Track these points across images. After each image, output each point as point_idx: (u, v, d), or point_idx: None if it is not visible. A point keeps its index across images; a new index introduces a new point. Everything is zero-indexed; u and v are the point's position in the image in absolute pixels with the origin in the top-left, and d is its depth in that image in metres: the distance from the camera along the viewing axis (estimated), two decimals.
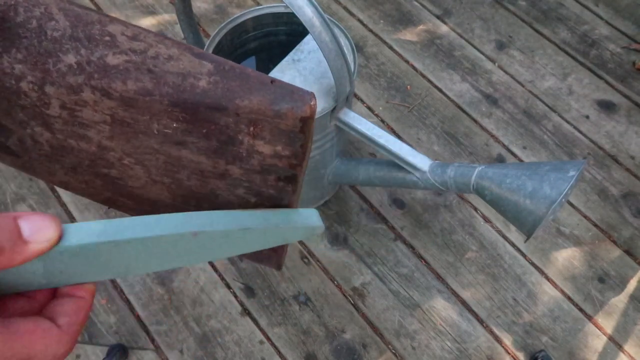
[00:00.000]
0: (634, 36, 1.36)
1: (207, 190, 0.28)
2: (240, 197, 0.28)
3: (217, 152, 0.26)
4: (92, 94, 0.25)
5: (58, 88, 0.25)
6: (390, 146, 0.80)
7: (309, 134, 0.25)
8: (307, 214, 0.28)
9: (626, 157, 1.19)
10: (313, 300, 1.02)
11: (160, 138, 0.26)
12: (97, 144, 0.27)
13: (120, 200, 0.30)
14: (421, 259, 1.07)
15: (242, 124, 0.25)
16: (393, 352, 0.98)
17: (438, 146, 1.20)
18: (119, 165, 0.28)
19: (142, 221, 0.23)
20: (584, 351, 0.99)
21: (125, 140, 0.26)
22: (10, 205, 1.10)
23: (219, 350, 0.98)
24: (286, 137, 0.25)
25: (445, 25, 1.37)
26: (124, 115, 0.25)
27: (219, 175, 0.27)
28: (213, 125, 0.25)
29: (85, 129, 0.26)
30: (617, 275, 1.06)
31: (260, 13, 0.89)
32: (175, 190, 0.28)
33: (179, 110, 0.25)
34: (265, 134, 0.25)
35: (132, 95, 0.25)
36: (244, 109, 0.24)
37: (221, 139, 0.26)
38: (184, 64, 0.24)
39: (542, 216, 0.67)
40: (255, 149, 0.26)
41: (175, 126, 0.25)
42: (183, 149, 0.26)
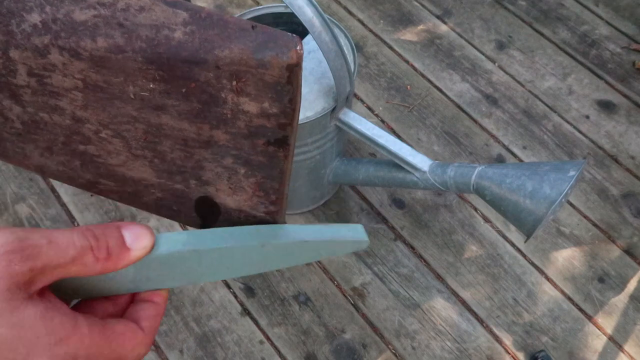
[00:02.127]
0: (634, 36, 1.36)
1: (193, 162, 0.26)
2: (229, 168, 0.26)
3: (200, 116, 0.24)
4: (60, 55, 0.23)
5: (23, 51, 0.23)
6: (390, 146, 0.80)
7: (297, 85, 0.23)
8: (355, 229, 0.28)
9: (626, 157, 1.19)
10: (313, 300, 1.02)
11: (137, 103, 0.24)
12: (71, 115, 0.25)
13: (101, 183, 0.28)
14: (421, 259, 1.07)
15: (223, 78, 0.23)
16: (393, 352, 0.98)
17: (438, 146, 1.20)
18: (96, 140, 0.26)
19: (220, 233, 0.25)
20: (584, 351, 0.99)
21: (101, 109, 0.25)
22: (11, 206, 1.10)
23: (219, 350, 0.98)
24: (273, 90, 0.23)
25: (445, 25, 1.37)
26: (96, 79, 0.24)
27: (204, 143, 0.25)
28: (193, 83, 0.23)
29: (56, 98, 0.25)
30: (617, 275, 1.06)
31: (260, 13, 0.89)
32: (159, 165, 0.27)
33: (155, 67, 0.23)
34: (250, 88, 0.23)
35: (102, 54, 0.23)
36: (224, 59, 0.22)
37: (203, 99, 0.24)
38: (157, 14, 0.22)
39: (542, 216, 0.67)
40: (240, 108, 0.24)
41: (152, 87, 0.24)
42: (163, 115, 0.24)
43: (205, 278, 0.27)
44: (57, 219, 1.09)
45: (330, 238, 0.27)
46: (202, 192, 0.27)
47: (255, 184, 0.27)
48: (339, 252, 0.29)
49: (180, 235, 0.24)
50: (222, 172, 0.27)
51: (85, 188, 0.29)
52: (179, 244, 0.23)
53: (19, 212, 1.09)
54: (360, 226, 0.28)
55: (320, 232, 0.27)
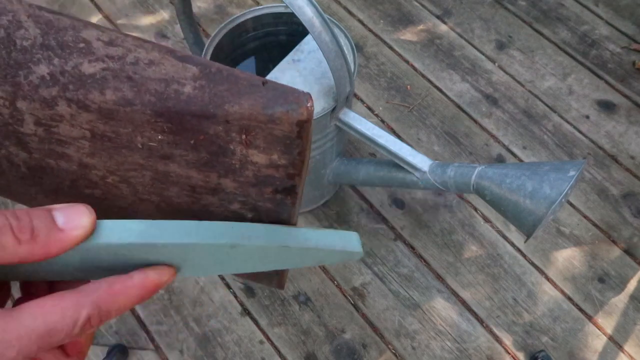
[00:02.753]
0: (634, 36, 1.36)
1: (199, 206, 0.26)
2: (236, 213, 0.26)
3: (208, 165, 0.24)
4: (68, 107, 0.23)
5: (31, 102, 0.23)
6: (390, 146, 0.80)
7: (307, 140, 0.23)
8: (347, 237, 0.26)
9: (626, 157, 1.19)
10: (313, 300, 1.02)
11: (145, 152, 0.24)
12: (78, 162, 0.25)
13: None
14: (421, 259, 1.07)
15: (233, 132, 0.23)
16: (393, 352, 0.98)
17: (438, 146, 1.20)
18: (102, 185, 0.26)
19: (183, 226, 0.22)
20: (584, 351, 0.99)
21: (108, 157, 0.24)
22: (11, 205, 1.10)
23: (219, 350, 0.98)
24: (282, 144, 0.23)
25: (445, 25, 1.37)
26: (104, 129, 0.23)
27: (211, 190, 0.25)
28: (202, 135, 0.23)
29: (63, 146, 0.24)
30: (617, 275, 1.06)
31: (260, 13, 0.89)
32: (165, 208, 0.26)
33: (164, 120, 0.23)
34: (259, 142, 0.23)
35: (111, 107, 0.23)
36: (234, 115, 0.22)
37: (211, 150, 0.24)
38: (167, 68, 0.22)
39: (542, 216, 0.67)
40: (249, 159, 0.24)
41: (161, 138, 0.23)
42: (171, 163, 0.24)
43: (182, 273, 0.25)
44: None
45: (315, 245, 0.25)
46: None
47: None
48: (327, 262, 0.27)
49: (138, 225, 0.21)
50: (229, 215, 0.26)
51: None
52: (133, 234, 0.21)
53: None
54: (355, 234, 0.26)
55: (306, 238, 0.25)
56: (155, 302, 1.02)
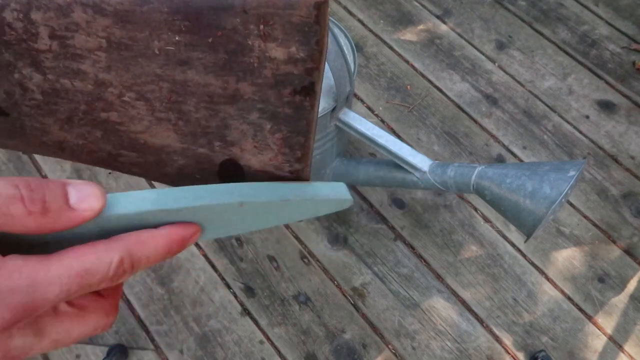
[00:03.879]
0: (634, 36, 1.36)
1: (218, 121, 0.26)
2: (254, 124, 0.26)
3: (226, 67, 0.24)
4: (84, 12, 0.22)
5: (45, 12, 0.23)
6: (390, 146, 0.80)
7: (325, 26, 0.23)
8: (337, 187, 0.27)
9: (626, 157, 1.19)
10: (313, 300, 1.02)
11: (162, 59, 0.24)
12: (94, 79, 0.25)
13: (122, 155, 0.27)
14: (421, 259, 1.07)
15: (251, 23, 0.23)
16: (393, 352, 0.98)
17: (438, 146, 1.20)
18: (118, 105, 0.25)
19: (192, 191, 0.23)
20: (584, 351, 0.99)
21: (124, 69, 0.24)
22: None
23: (219, 350, 0.98)
24: (300, 32, 0.23)
25: (445, 25, 1.37)
26: (120, 36, 0.23)
27: (229, 98, 0.25)
28: (219, 31, 0.23)
29: (79, 61, 0.24)
30: (617, 275, 1.06)
31: None
32: (183, 128, 0.26)
33: (181, 17, 0.23)
34: (277, 32, 0.23)
35: (127, 7, 0.22)
36: (251, 3, 0.22)
37: (229, 49, 0.23)
38: None
39: (542, 216, 0.67)
40: (267, 55, 0.23)
41: (178, 39, 0.23)
42: (188, 70, 0.24)
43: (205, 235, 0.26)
44: None
45: (312, 196, 0.26)
46: (226, 154, 0.27)
47: (281, 139, 0.26)
48: (322, 212, 0.28)
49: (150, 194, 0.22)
50: (247, 129, 0.26)
51: (106, 163, 0.28)
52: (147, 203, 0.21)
53: None
54: (342, 184, 0.28)
55: (302, 191, 0.26)
56: (155, 302, 1.02)
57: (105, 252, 0.20)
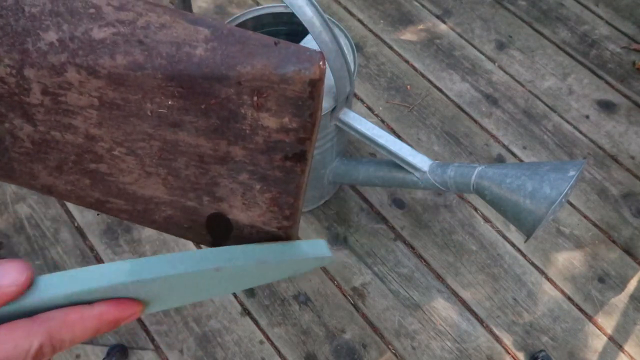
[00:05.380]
0: (634, 36, 1.36)
1: (207, 179, 0.26)
2: (244, 184, 0.26)
3: (218, 132, 0.24)
4: (77, 73, 0.22)
5: (39, 70, 0.22)
6: (390, 146, 0.80)
7: (319, 100, 0.23)
8: (317, 245, 0.27)
9: (626, 157, 1.19)
10: (313, 300, 1.02)
11: (154, 120, 0.24)
12: (84, 133, 0.24)
13: (110, 202, 0.27)
14: (421, 259, 1.07)
15: (244, 94, 0.23)
16: (393, 352, 0.98)
17: (438, 146, 1.20)
18: (108, 158, 0.25)
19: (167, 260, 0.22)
20: (584, 351, 0.99)
21: (116, 127, 0.24)
22: (10, 205, 1.10)
23: (219, 350, 0.98)
24: (293, 105, 0.23)
25: (445, 25, 1.37)
26: (113, 96, 0.23)
27: (220, 159, 0.25)
28: (213, 99, 0.23)
29: (70, 116, 0.24)
30: (617, 275, 1.06)
31: (260, 13, 0.89)
32: (172, 182, 0.26)
33: (175, 84, 0.22)
34: (271, 104, 0.23)
35: (121, 71, 0.22)
36: (246, 75, 0.22)
37: (222, 115, 0.23)
38: (178, 31, 0.22)
39: (542, 216, 0.67)
40: (259, 124, 0.23)
41: (171, 104, 0.23)
42: (180, 132, 0.24)
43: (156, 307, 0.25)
44: (57, 219, 1.09)
45: (291, 257, 0.26)
46: (214, 208, 0.27)
47: (270, 199, 0.26)
48: (301, 270, 0.28)
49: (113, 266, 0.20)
50: (236, 188, 0.26)
51: (94, 207, 0.28)
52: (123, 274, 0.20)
53: (19, 212, 1.09)
54: (322, 241, 0.27)
55: (281, 252, 0.26)
56: None
57: (25, 338, 0.19)
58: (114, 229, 1.08)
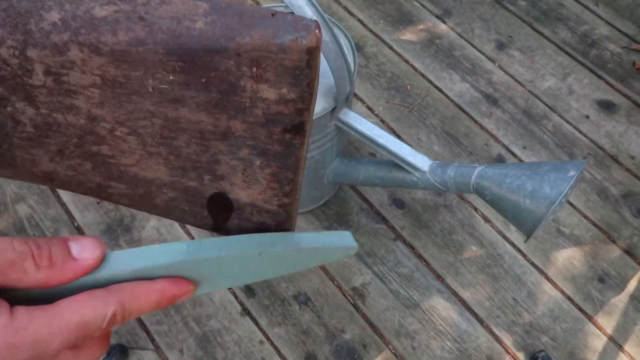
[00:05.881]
0: (634, 36, 1.36)
1: (208, 156, 0.26)
2: (244, 160, 0.26)
3: (218, 106, 0.24)
4: (80, 51, 0.23)
5: (42, 50, 0.23)
6: (390, 146, 0.80)
7: (316, 69, 0.24)
8: (344, 236, 0.29)
9: (626, 157, 1.19)
10: (313, 300, 1.02)
11: (155, 97, 0.24)
12: (86, 114, 0.25)
13: (111, 186, 0.28)
14: (421, 259, 1.07)
15: (244, 65, 0.23)
16: (393, 352, 0.98)
17: (438, 146, 1.20)
18: (110, 139, 0.26)
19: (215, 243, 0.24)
20: (584, 351, 0.99)
21: (118, 106, 0.24)
22: (11, 206, 1.10)
23: (219, 350, 0.98)
24: (291, 75, 0.24)
25: (445, 25, 1.37)
26: (115, 74, 0.23)
27: (220, 135, 0.25)
28: (213, 72, 0.23)
29: (72, 97, 0.24)
30: (617, 275, 1.06)
31: None
32: (174, 162, 0.26)
33: (176, 58, 0.23)
34: (269, 74, 0.23)
35: (123, 47, 0.23)
36: (245, 46, 0.23)
37: (222, 88, 0.24)
38: (178, 6, 0.23)
39: (542, 216, 0.67)
40: (259, 96, 0.24)
41: (172, 79, 0.24)
42: (181, 107, 0.25)
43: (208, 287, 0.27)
44: (57, 219, 1.09)
45: (322, 245, 0.27)
46: (215, 188, 0.27)
47: (270, 175, 0.27)
48: (328, 260, 0.30)
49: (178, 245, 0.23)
50: (237, 164, 0.26)
51: (95, 194, 0.28)
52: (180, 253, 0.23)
53: (19, 212, 1.09)
54: (348, 233, 0.29)
55: (313, 240, 0.27)
56: None
57: (102, 306, 0.22)
58: (114, 229, 1.08)
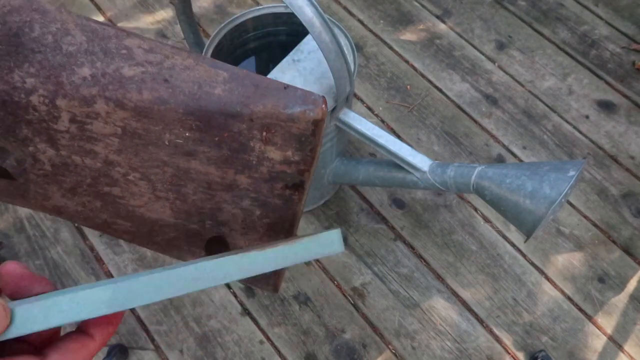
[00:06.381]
0: (634, 36, 1.36)
1: (212, 204, 0.28)
2: (245, 210, 0.28)
3: (227, 161, 0.27)
4: (106, 105, 0.25)
5: (70, 100, 0.25)
6: (390, 146, 0.80)
7: (319, 138, 0.26)
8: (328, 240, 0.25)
9: (626, 157, 1.19)
10: (313, 300, 1.02)
11: (170, 149, 0.26)
12: (104, 159, 0.26)
13: (117, 223, 0.29)
14: (421, 259, 1.07)
15: (255, 129, 0.25)
16: (393, 352, 0.98)
17: (438, 146, 1.20)
18: (122, 182, 0.27)
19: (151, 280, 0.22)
20: (584, 351, 0.99)
21: (134, 154, 0.26)
22: (10, 206, 1.10)
23: (219, 350, 0.98)
24: (297, 141, 0.26)
25: (445, 25, 1.37)
26: (136, 127, 0.25)
27: (226, 187, 0.27)
28: (226, 133, 0.26)
29: (93, 143, 0.26)
30: (617, 275, 1.06)
31: (260, 13, 0.89)
32: (179, 207, 0.28)
33: (193, 118, 0.25)
34: (277, 139, 0.26)
35: (147, 105, 0.25)
36: (258, 114, 0.25)
37: (233, 147, 0.26)
38: (200, 73, 0.25)
39: (542, 216, 0.67)
40: (265, 156, 0.26)
41: (188, 135, 0.26)
42: (193, 160, 0.26)
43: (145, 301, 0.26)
44: (57, 219, 1.09)
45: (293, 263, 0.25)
46: (215, 232, 0.29)
47: (267, 224, 0.29)
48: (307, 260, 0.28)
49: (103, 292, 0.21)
50: (238, 213, 0.28)
51: (100, 228, 0.29)
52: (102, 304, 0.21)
53: (19, 212, 1.09)
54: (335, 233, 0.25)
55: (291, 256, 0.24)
56: (156, 302, 1.02)
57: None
58: None
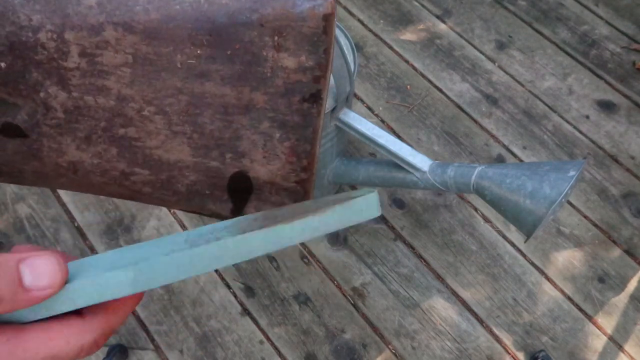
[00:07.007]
0: (634, 36, 1.36)
1: (231, 132, 0.28)
2: (265, 134, 0.28)
3: (242, 78, 0.26)
4: (115, 30, 0.25)
5: (78, 32, 0.24)
6: (390, 146, 0.80)
7: (331, 36, 0.26)
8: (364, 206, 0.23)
9: (626, 157, 1.19)
10: (313, 300, 1.02)
11: (183, 72, 0.26)
12: (116, 94, 0.26)
13: (135, 173, 0.29)
14: (421, 259, 1.07)
15: (266, 35, 0.25)
16: (393, 352, 0.98)
17: (438, 146, 1.20)
18: (137, 120, 0.27)
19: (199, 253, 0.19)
20: (584, 351, 0.99)
21: (147, 84, 0.26)
22: (10, 205, 1.10)
23: (219, 350, 0.98)
24: (310, 42, 0.25)
25: (445, 25, 1.37)
26: (146, 51, 0.25)
27: (243, 108, 0.27)
28: (237, 44, 0.25)
29: (104, 77, 0.26)
30: (617, 275, 1.06)
31: None
32: (197, 141, 0.28)
33: (203, 32, 0.25)
34: (289, 43, 0.25)
35: (155, 25, 0.25)
36: (267, 17, 0.25)
37: (246, 59, 0.26)
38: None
39: (542, 216, 0.67)
40: (279, 65, 0.26)
41: (199, 53, 0.25)
42: (207, 82, 0.26)
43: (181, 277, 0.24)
44: (57, 219, 1.09)
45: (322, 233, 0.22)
46: (236, 167, 0.28)
47: (289, 148, 0.28)
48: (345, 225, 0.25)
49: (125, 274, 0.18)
50: (258, 139, 0.28)
51: (117, 184, 0.28)
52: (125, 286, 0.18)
53: (19, 211, 1.09)
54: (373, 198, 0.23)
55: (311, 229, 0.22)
56: (155, 302, 1.02)
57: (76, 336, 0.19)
58: (114, 229, 1.08)
